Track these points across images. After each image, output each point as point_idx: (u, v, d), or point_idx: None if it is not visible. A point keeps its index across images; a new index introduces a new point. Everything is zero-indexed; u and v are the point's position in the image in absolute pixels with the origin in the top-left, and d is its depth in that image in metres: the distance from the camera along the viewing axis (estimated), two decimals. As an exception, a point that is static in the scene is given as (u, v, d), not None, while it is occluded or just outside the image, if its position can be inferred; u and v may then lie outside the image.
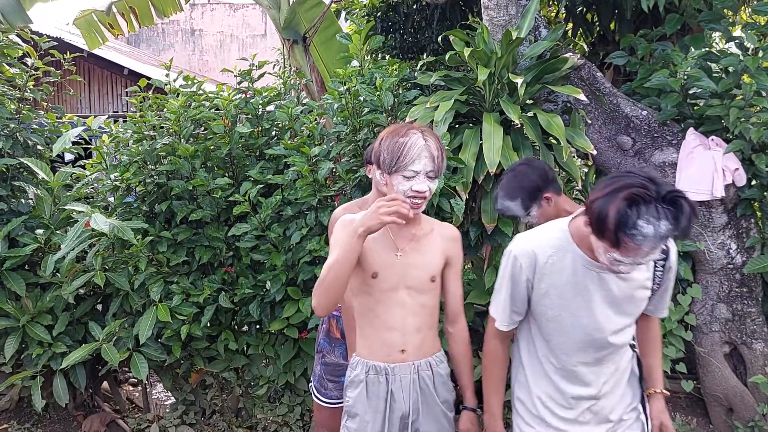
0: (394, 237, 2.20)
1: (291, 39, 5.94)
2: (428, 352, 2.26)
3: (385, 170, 2.13)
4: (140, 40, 20.57)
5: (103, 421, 3.98)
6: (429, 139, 2.10)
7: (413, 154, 2.07)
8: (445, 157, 2.15)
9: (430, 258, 2.23)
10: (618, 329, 2.01)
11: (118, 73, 12.99)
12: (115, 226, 3.29)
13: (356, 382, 2.24)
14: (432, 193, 2.14)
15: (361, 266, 2.17)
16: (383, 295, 2.18)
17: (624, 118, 3.85)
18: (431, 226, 2.29)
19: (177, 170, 3.69)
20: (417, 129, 2.13)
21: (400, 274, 2.18)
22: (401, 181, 2.10)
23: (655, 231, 1.67)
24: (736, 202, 3.73)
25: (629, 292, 1.98)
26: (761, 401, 3.63)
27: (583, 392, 2.06)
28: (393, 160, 2.10)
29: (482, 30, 3.69)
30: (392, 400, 2.20)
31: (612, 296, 1.97)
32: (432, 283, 2.23)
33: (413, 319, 2.20)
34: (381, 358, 2.21)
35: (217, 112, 3.89)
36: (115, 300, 3.67)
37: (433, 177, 2.12)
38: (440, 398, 2.28)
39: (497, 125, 3.45)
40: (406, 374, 2.21)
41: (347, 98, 3.67)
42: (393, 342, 2.20)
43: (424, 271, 2.21)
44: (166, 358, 3.60)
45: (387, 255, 2.18)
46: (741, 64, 3.56)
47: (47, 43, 4.24)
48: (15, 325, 3.57)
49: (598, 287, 1.96)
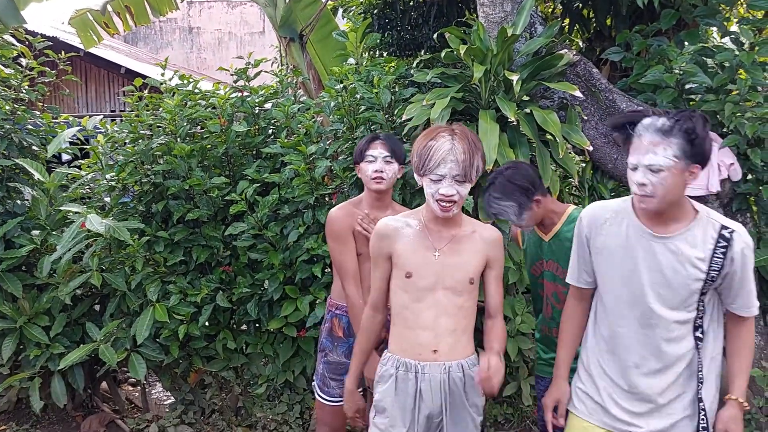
0: (432, 238, 2.23)
1: (288, 37, 5.93)
2: (461, 355, 2.25)
3: (417, 173, 2.19)
4: (138, 38, 20.52)
5: (102, 421, 3.98)
6: (458, 142, 2.11)
7: (437, 158, 2.10)
8: (478, 160, 2.15)
9: (469, 259, 2.24)
10: (663, 301, 2.04)
11: (115, 72, 12.96)
12: (111, 226, 3.29)
13: (386, 377, 2.26)
14: (462, 197, 2.16)
15: (397, 266, 2.24)
16: (420, 293, 2.20)
17: (620, 113, 3.85)
18: (472, 227, 2.30)
19: (173, 170, 3.68)
20: (448, 132, 2.14)
21: (437, 273, 2.20)
22: (429, 184, 2.14)
23: (652, 122, 1.95)
24: (731, 197, 3.72)
25: (677, 265, 2.02)
26: (758, 394, 3.64)
27: (625, 357, 2.11)
28: (420, 163, 2.14)
29: (478, 27, 3.69)
30: (420, 399, 2.20)
31: (659, 265, 2.04)
32: (470, 285, 2.24)
33: (448, 320, 2.21)
34: (412, 356, 2.22)
35: (214, 111, 3.88)
36: (112, 300, 3.67)
37: (461, 181, 2.13)
38: (469, 401, 2.25)
39: (493, 122, 3.44)
40: (437, 374, 2.20)
41: (344, 96, 3.66)
42: (425, 341, 2.21)
43: (462, 271, 2.22)
44: (165, 358, 3.60)
45: (424, 254, 2.21)
46: (736, 59, 3.56)
47: (42, 43, 4.23)
48: (12, 326, 3.57)
49: (646, 254, 2.06)
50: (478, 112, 3.56)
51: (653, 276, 2.05)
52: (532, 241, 2.83)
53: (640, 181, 1.96)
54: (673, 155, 1.92)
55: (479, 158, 2.16)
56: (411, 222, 2.28)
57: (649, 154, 1.92)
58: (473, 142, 2.16)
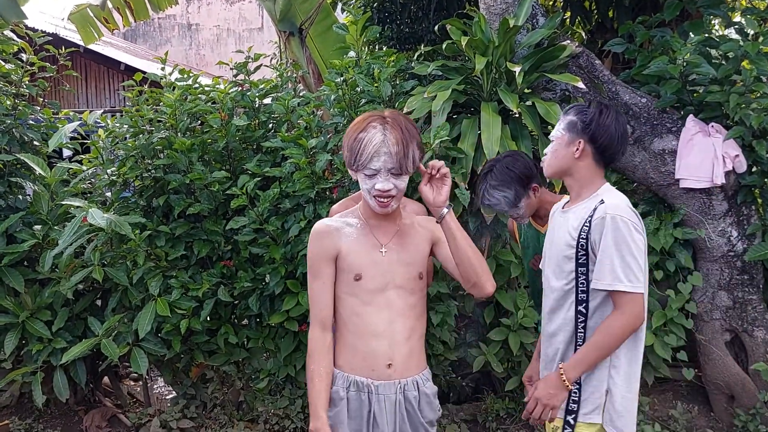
0: (375, 234, 2.07)
1: (287, 31, 5.91)
2: (415, 369, 2.09)
3: (350, 168, 2.03)
4: (137, 35, 20.50)
5: (104, 415, 3.98)
6: (390, 132, 1.93)
7: (369, 152, 1.92)
8: (414, 150, 1.97)
9: (415, 252, 2.10)
10: (551, 269, 2.21)
11: (114, 69, 12.93)
12: (113, 221, 3.27)
13: (336, 400, 2.05)
14: (401, 190, 2.00)
15: (342, 269, 2.05)
16: (370, 296, 2.03)
17: (623, 105, 3.83)
18: (410, 217, 2.17)
19: (174, 164, 3.67)
20: (379, 121, 1.96)
21: (386, 272, 2.04)
22: (364, 180, 1.99)
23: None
24: (736, 189, 3.71)
25: (560, 234, 2.19)
26: (762, 389, 3.63)
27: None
28: (352, 158, 1.97)
29: (479, 19, 3.67)
30: (374, 423, 2.04)
31: (553, 235, 2.26)
32: (420, 281, 2.10)
33: (402, 322, 2.05)
34: (364, 372, 2.04)
35: (214, 106, 3.87)
36: (114, 295, 3.67)
37: (397, 174, 1.96)
38: (425, 419, 2.10)
39: (495, 115, 3.43)
40: (391, 394, 2.04)
41: (344, 89, 3.65)
42: (379, 353, 2.03)
43: (411, 267, 2.07)
44: (166, 352, 3.59)
45: (370, 254, 2.04)
46: (741, 50, 3.54)
47: (42, 38, 4.22)
48: (14, 321, 3.56)
49: (554, 227, 2.31)
50: (480, 104, 3.54)
51: (548, 246, 2.27)
52: (530, 235, 2.82)
53: (546, 150, 2.27)
54: (562, 128, 2.18)
55: (415, 147, 1.97)
56: (350, 221, 2.10)
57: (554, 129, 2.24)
58: (407, 129, 1.96)
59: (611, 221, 2.00)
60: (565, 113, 2.20)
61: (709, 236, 3.70)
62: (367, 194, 2.01)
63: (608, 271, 2.00)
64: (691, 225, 3.73)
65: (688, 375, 3.75)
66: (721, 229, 3.70)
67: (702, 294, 3.75)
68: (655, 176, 3.77)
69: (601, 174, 2.17)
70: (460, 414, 3.94)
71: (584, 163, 2.14)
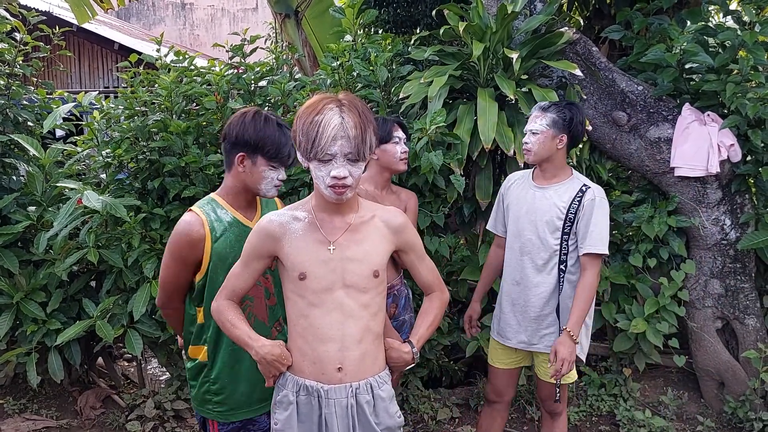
0: (323, 229, 1.91)
1: (283, 13, 5.87)
2: (369, 372, 1.93)
3: (304, 155, 1.83)
4: (130, 14, 20.28)
5: (99, 396, 4.00)
6: (348, 116, 1.78)
7: (327, 136, 1.75)
8: (370, 135, 1.82)
9: (371, 249, 1.92)
10: (535, 233, 2.81)
11: (108, 48, 12.82)
12: (108, 203, 3.26)
13: (285, 404, 1.94)
14: (356, 179, 1.83)
15: (286, 268, 1.92)
16: (317, 297, 1.88)
17: (619, 93, 3.83)
18: (372, 212, 1.98)
19: (169, 147, 3.65)
20: (335, 103, 1.80)
21: (335, 270, 1.88)
22: (318, 167, 1.80)
23: (539, 104, 2.90)
24: (730, 177, 3.72)
25: (546, 207, 2.80)
26: (752, 376, 3.67)
27: (509, 279, 2.97)
28: (308, 143, 1.78)
29: (477, 4, 3.65)
30: (326, 428, 1.91)
31: (534, 206, 2.84)
32: (375, 279, 1.92)
33: (354, 325, 1.89)
34: (314, 375, 1.90)
35: (209, 88, 3.85)
36: (109, 277, 3.66)
37: (354, 160, 1.79)
38: (381, 426, 1.94)
39: (492, 101, 3.43)
40: (342, 398, 1.90)
41: (340, 73, 3.63)
42: (328, 357, 1.89)
43: (364, 264, 1.90)
44: (161, 334, 3.60)
45: (317, 251, 1.89)
46: (738, 39, 3.53)
47: (36, 17, 4.17)
48: (9, 302, 3.56)
49: (529, 199, 2.88)
50: (477, 90, 3.54)
51: (530, 215, 2.81)
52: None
53: (524, 141, 2.80)
54: (546, 124, 2.74)
55: (371, 132, 1.82)
56: (299, 214, 1.94)
57: (531, 123, 2.78)
58: (364, 113, 1.81)
59: (600, 202, 2.73)
60: (544, 111, 2.78)
61: (703, 224, 3.72)
62: (320, 183, 1.83)
63: (597, 239, 2.70)
64: (685, 213, 3.75)
65: (679, 362, 3.79)
66: (714, 217, 3.72)
67: (694, 282, 3.78)
68: (651, 164, 3.78)
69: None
70: (452, 398, 3.98)
71: (561, 152, 2.79)
